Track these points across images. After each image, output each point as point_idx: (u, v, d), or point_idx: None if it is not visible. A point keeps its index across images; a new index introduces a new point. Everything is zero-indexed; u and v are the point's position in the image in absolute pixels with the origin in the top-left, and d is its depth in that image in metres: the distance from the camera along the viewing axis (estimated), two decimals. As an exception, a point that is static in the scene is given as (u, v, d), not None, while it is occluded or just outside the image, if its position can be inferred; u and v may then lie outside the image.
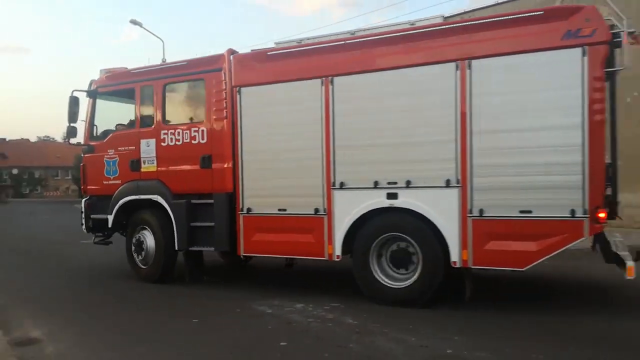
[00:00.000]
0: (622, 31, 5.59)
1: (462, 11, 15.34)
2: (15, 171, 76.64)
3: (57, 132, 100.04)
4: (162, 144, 8.21)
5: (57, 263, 11.00)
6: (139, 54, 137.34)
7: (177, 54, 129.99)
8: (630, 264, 5.56)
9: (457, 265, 6.09)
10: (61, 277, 9.48)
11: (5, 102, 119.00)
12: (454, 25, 6.31)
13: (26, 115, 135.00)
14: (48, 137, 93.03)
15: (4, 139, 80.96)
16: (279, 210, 7.19)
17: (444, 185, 6.12)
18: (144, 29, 27.53)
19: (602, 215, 5.46)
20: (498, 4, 14.33)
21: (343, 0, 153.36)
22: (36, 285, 8.82)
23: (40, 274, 9.96)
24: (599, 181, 5.52)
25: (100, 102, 9.13)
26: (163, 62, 8.98)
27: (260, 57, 7.51)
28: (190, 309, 6.66)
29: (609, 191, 5.95)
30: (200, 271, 8.56)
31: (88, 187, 9.18)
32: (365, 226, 6.65)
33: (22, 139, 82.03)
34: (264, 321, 5.88)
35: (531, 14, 5.85)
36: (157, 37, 46.35)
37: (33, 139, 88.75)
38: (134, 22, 26.98)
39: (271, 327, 5.65)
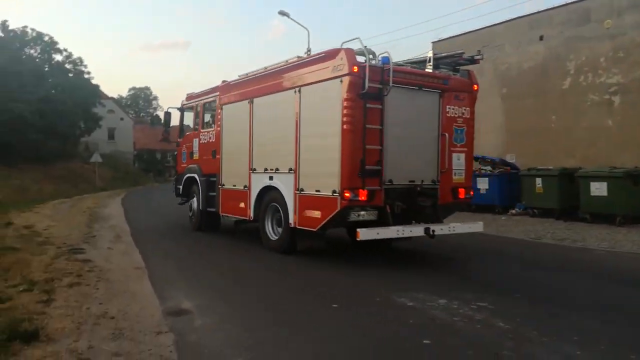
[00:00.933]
0: (365, 64, 7.62)
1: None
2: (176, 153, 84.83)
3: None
4: (200, 141, 12.53)
5: (218, 236, 11.90)
6: (286, 43, 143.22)
7: (322, 43, 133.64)
8: (358, 230, 7.49)
9: (292, 226, 8.67)
10: (221, 249, 10.40)
11: (171, 92, 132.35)
12: (291, 64, 9.07)
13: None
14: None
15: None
16: (233, 185, 10.75)
17: (288, 171, 8.80)
18: (291, 19, 28.37)
19: (347, 194, 7.57)
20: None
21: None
22: (195, 256, 9.62)
23: (199, 245, 10.85)
24: (347, 172, 7.59)
25: (186, 115, 13.81)
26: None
27: (229, 86, 11.20)
28: (330, 292, 6.56)
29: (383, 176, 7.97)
30: (215, 226, 12.39)
31: (177, 167, 14.54)
32: (263, 198, 9.66)
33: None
34: (405, 315, 5.46)
35: (319, 55, 8.33)
36: (303, 26, 47.51)
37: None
38: (282, 12, 27.94)
39: (413, 321, 5.22)
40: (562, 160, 16.20)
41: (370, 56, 7.94)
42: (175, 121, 14.78)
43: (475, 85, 9.09)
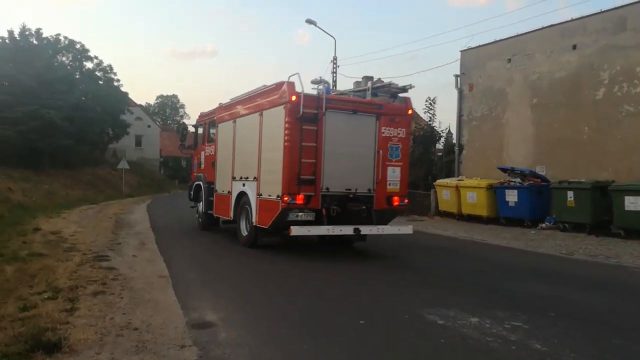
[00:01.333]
0: (301, 93, 9.31)
1: None
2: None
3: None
4: (205, 154, 14.42)
5: (237, 240, 11.72)
6: (313, 52, 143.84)
7: (348, 50, 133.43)
8: (292, 227, 9.14)
9: (254, 224, 10.32)
10: (249, 257, 10.19)
11: (198, 100, 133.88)
12: (258, 92, 10.89)
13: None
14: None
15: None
16: (222, 191, 12.52)
17: (253, 179, 10.59)
18: (318, 27, 28.43)
19: (285, 199, 9.23)
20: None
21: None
22: (219, 263, 9.70)
23: (222, 250, 11.19)
24: (286, 180, 9.29)
25: (199, 130, 15.77)
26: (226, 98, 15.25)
27: (222, 107, 13.07)
28: (357, 306, 6.41)
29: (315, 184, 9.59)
30: (216, 226, 13.90)
31: (190, 176, 16.52)
32: (239, 201, 11.30)
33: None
34: (436, 333, 5.27)
35: (272, 86, 10.12)
36: (330, 35, 48.02)
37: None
38: (309, 21, 28.09)
39: (444, 341, 5.03)
40: (594, 173, 15.70)
41: (315, 86, 10.42)
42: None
43: (410, 110, 10.74)
